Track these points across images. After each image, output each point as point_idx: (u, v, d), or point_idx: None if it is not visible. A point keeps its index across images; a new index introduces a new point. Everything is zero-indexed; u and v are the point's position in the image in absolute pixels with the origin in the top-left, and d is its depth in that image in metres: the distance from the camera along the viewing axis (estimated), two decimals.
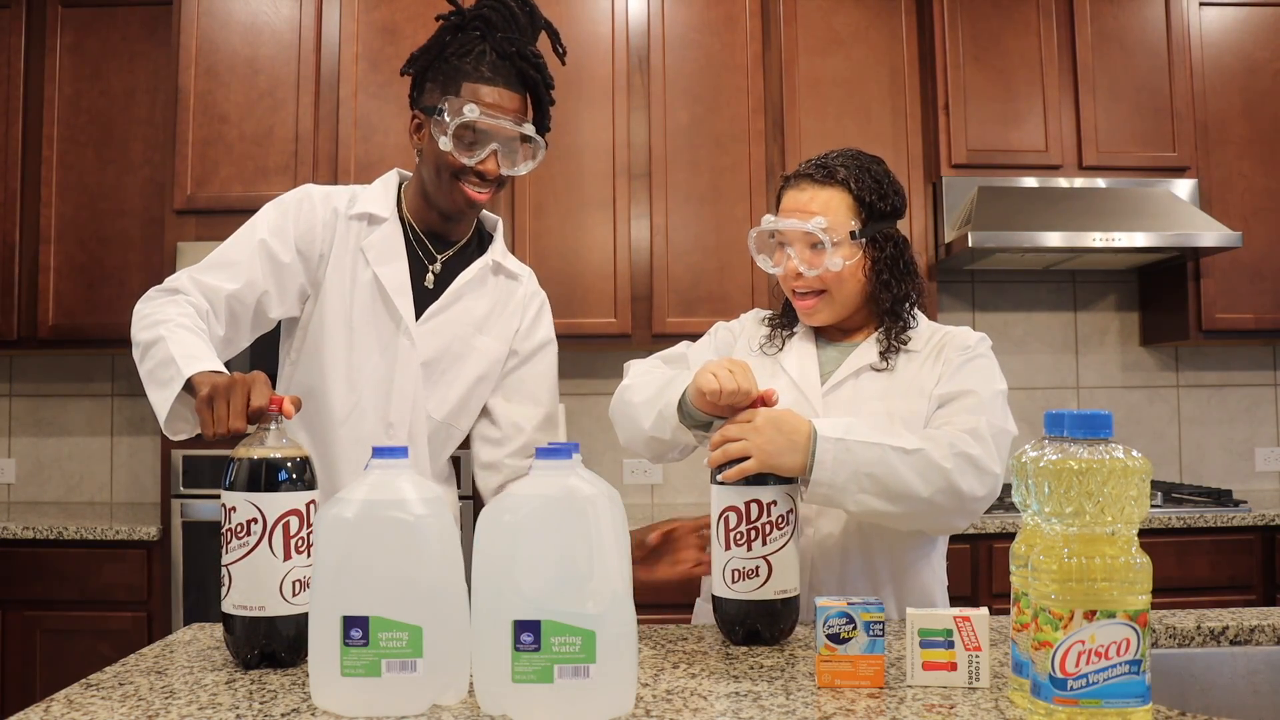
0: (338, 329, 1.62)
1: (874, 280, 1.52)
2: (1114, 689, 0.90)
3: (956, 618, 1.08)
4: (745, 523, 1.25)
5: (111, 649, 2.73)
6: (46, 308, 3.16)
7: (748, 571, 1.25)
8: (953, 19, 3.23)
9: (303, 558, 1.16)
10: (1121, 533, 0.91)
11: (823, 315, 1.54)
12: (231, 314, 1.56)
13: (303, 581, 1.17)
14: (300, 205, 1.63)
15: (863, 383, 1.51)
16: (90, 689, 1.10)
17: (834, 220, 1.49)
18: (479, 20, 1.58)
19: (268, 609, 1.15)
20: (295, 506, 1.16)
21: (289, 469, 1.17)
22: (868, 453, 1.30)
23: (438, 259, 1.67)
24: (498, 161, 1.57)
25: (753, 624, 1.26)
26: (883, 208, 1.52)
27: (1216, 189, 3.27)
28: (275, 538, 1.15)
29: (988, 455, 1.35)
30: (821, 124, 3.24)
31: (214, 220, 2.88)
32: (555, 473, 1.01)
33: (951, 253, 3.16)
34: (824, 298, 1.52)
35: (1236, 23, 3.33)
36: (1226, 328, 3.26)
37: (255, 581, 1.15)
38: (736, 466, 1.27)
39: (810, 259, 1.50)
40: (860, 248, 1.51)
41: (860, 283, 1.52)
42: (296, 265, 1.61)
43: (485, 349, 1.68)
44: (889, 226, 1.54)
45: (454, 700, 1.03)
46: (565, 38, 1.70)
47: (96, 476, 3.50)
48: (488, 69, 1.55)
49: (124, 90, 3.23)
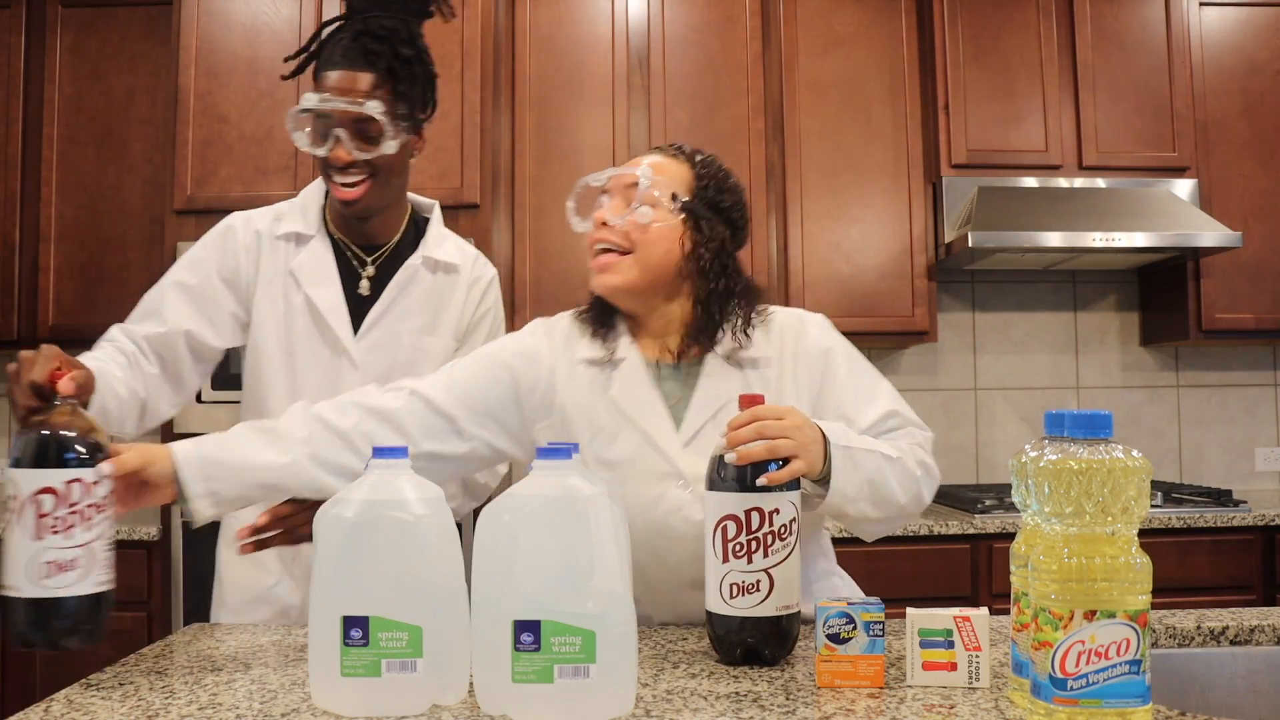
0: (276, 354, 1.60)
1: (692, 261, 1.39)
2: (1114, 689, 0.90)
3: (956, 618, 1.08)
4: (745, 533, 1.15)
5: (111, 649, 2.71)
6: (46, 308, 3.16)
7: (747, 586, 1.16)
8: (953, 19, 3.23)
9: (58, 538, 1.08)
10: (1121, 533, 0.91)
11: (620, 277, 1.38)
12: (159, 355, 1.56)
13: (59, 564, 1.08)
14: (223, 236, 1.63)
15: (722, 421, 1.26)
16: (90, 689, 1.10)
17: (665, 181, 1.39)
18: (347, 6, 1.54)
19: (20, 590, 1.08)
20: (50, 484, 1.08)
21: (48, 445, 1.10)
22: (867, 460, 1.28)
23: (368, 263, 1.63)
24: (346, 149, 1.49)
25: (753, 642, 1.17)
26: (719, 201, 1.42)
27: (1216, 189, 3.28)
28: (26, 515, 1.08)
29: (935, 465, 1.38)
30: (821, 124, 3.24)
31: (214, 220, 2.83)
32: (555, 473, 1.01)
33: (951, 253, 3.16)
34: (628, 258, 1.38)
35: (1236, 23, 3.33)
36: (1226, 328, 3.26)
37: (9, 560, 1.09)
38: (787, 467, 1.16)
39: (624, 211, 1.39)
40: (682, 220, 1.39)
41: (673, 257, 1.38)
42: (223, 295, 1.60)
43: (438, 349, 1.63)
44: (719, 223, 1.41)
45: (454, 700, 1.03)
46: (565, 38, 1.70)
47: None
48: (339, 54, 1.49)
49: (124, 90, 3.23)
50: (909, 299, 3.21)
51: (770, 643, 1.18)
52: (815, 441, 1.22)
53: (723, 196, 1.43)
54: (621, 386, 1.40)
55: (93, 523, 1.11)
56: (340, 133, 1.49)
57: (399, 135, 1.53)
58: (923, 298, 3.22)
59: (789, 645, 1.20)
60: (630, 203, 1.39)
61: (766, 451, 1.16)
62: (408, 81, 1.53)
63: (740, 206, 1.46)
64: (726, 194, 1.44)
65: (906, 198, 3.23)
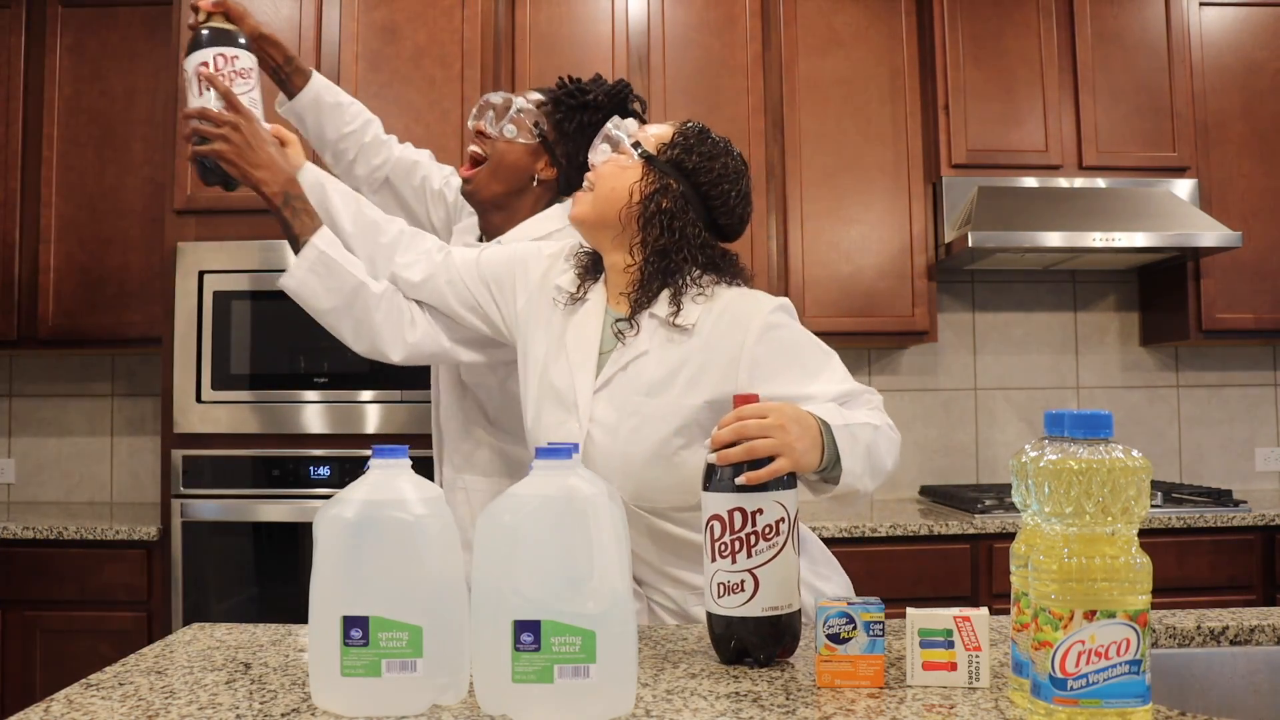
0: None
1: (638, 209, 1.43)
2: (1114, 689, 0.90)
3: (956, 618, 1.08)
4: (729, 533, 1.16)
5: (111, 649, 2.72)
6: (46, 308, 3.16)
7: (733, 586, 1.16)
8: (953, 19, 3.23)
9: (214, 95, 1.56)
10: (1121, 533, 0.91)
11: (579, 208, 1.48)
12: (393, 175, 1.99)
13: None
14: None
15: (632, 375, 1.43)
16: (90, 689, 1.10)
17: (644, 135, 1.48)
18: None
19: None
20: (205, 60, 1.56)
21: (200, 34, 1.58)
22: (864, 434, 1.30)
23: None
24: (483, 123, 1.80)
25: (741, 642, 1.17)
26: (682, 160, 1.45)
27: (1216, 189, 3.27)
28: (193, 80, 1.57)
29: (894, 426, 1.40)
30: (821, 124, 3.24)
31: (214, 220, 2.88)
32: (555, 473, 1.01)
33: (951, 253, 3.16)
34: (589, 194, 1.48)
35: (1236, 22, 3.33)
36: (1226, 328, 3.26)
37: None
38: (768, 467, 1.16)
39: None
40: (641, 167, 1.45)
41: (620, 198, 1.44)
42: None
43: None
44: (680, 181, 1.44)
45: (454, 700, 1.03)
46: (565, 37, 1.73)
47: (96, 476, 3.50)
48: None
49: (124, 90, 3.23)
50: (909, 299, 3.21)
51: (758, 643, 1.17)
52: (803, 438, 1.21)
53: (688, 157, 1.45)
54: (574, 321, 1.52)
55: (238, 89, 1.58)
56: (490, 114, 1.81)
57: (524, 133, 1.78)
58: (923, 298, 3.22)
59: (779, 647, 1.18)
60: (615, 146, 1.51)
61: (744, 453, 1.16)
62: (564, 115, 1.78)
63: (710, 174, 1.45)
64: (695, 156, 1.45)
65: (906, 198, 3.23)
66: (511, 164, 1.79)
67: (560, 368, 1.49)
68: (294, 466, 2.78)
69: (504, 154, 1.78)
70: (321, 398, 2.79)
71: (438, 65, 2.92)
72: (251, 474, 2.78)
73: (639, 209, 1.44)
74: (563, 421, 1.47)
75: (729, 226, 1.50)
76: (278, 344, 2.82)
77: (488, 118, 1.81)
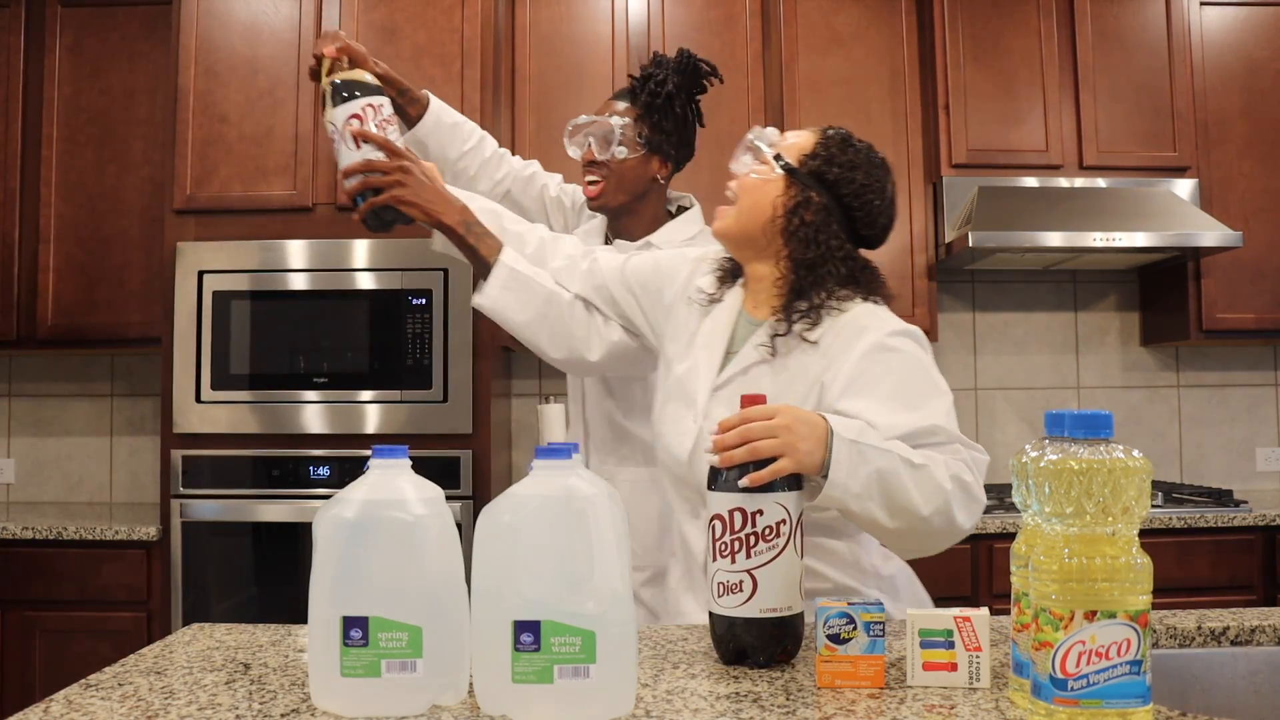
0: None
1: (782, 222, 1.45)
2: (1115, 689, 0.90)
3: (957, 618, 1.08)
4: (729, 533, 1.15)
5: (111, 649, 2.72)
6: (46, 308, 3.16)
7: (731, 586, 1.15)
8: (953, 19, 3.22)
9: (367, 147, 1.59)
10: (1122, 533, 0.91)
11: (720, 222, 1.50)
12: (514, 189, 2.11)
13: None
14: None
15: (751, 380, 1.44)
16: (90, 689, 1.10)
17: (785, 145, 1.50)
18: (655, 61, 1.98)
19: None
20: (355, 111, 1.58)
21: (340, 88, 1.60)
22: (879, 459, 1.24)
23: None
24: (590, 150, 1.92)
25: (740, 643, 1.17)
26: (824, 172, 1.46)
27: (1217, 189, 3.27)
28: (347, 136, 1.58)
29: (979, 486, 1.31)
30: (821, 124, 3.23)
31: (213, 220, 2.88)
32: (555, 473, 1.01)
33: (951, 253, 3.16)
34: (732, 208, 1.50)
35: (1237, 22, 3.33)
36: (1227, 328, 3.26)
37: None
38: (769, 467, 1.16)
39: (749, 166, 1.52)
40: (782, 180, 1.46)
41: (764, 213, 1.46)
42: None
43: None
44: (822, 193, 1.46)
45: (454, 700, 1.03)
46: (565, 37, 1.74)
47: (96, 476, 3.50)
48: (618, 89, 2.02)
49: (124, 90, 3.23)
50: (909, 299, 3.20)
51: (758, 644, 1.16)
52: (810, 439, 1.19)
53: (830, 169, 1.46)
54: (708, 321, 1.54)
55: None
56: (590, 140, 1.92)
57: (634, 150, 1.91)
58: (923, 297, 3.21)
59: (779, 648, 1.17)
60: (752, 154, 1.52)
61: (747, 454, 1.16)
62: (658, 114, 1.91)
63: (853, 185, 1.46)
64: (837, 168, 1.46)
65: (906, 197, 3.23)
66: (633, 177, 1.94)
67: (687, 364, 1.53)
68: (294, 466, 2.78)
69: (622, 172, 1.92)
70: (321, 398, 2.79)
71: (438, 65, 2.92)
72: (251, 474, 2.78)
73: (782, 223, 1.46)
74: (681, 417, 1.49)
75: (871, 237, 1.52)
76: (277, 344, 2.82)
77: (588, 144, 1.93)
